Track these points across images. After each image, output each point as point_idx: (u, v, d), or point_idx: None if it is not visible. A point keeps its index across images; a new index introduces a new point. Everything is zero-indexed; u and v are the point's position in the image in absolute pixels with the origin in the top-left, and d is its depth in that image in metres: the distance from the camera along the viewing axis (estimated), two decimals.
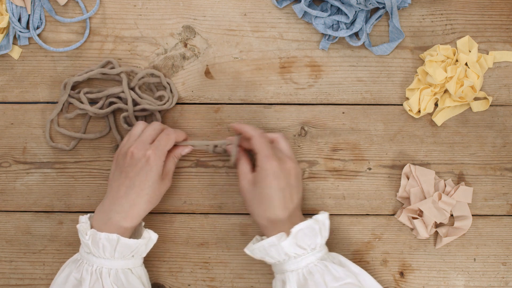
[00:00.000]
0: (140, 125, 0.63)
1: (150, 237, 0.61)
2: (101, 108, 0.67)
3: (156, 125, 0.63)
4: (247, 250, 0.61)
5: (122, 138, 0.68)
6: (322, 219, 0.59)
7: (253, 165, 0.62)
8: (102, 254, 0.58)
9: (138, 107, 0.66)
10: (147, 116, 0.68)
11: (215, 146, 0.65)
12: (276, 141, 0.63)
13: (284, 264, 0.59)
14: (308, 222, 0.58)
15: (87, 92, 0.67)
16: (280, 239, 0.58)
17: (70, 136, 0.68)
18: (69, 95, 0.67)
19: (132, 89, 0.67)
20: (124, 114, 0.66)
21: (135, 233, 0.63)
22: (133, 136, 0.62)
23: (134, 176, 0.59)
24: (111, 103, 0.67)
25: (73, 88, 0.68)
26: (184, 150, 0.65)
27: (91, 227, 0.60)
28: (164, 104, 0.67)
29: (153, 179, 0.60)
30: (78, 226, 0.59)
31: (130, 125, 0.67)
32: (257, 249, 0.59)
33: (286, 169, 0.60)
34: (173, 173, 0.67)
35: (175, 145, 0.64)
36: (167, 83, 0.68)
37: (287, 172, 0.60)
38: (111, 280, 0.58)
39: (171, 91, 0.68)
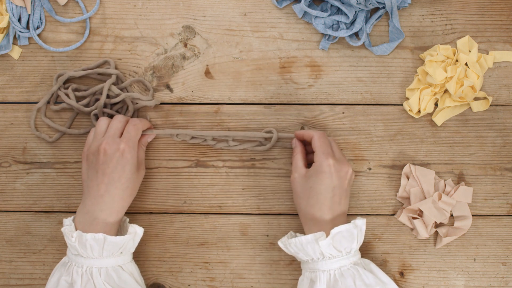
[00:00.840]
0: (103, 121, 0.63)
1: (136, 232, 0.61)
2: (87, 105, 0.67)
3: (120, 118, 0.63)
4: (281, 243, 0.61)
5: None
6: (360, 225, 0.60)
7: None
8: (91, 254, 0.58)
9: (116, 99, 0.66)
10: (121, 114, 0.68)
11: (177, 134, 0.66)
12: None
13: (317, 263, 0.59)
14: (348, 225, 0.58)
15: (75, 89, 0.67)
16: (319, 238, 0.58)
17: (55, 129, 0.68)
18: (59, 88, 0.67)
19: (122, 90, 0.67)
20: (94, 111, 0.66)
21: (120, 230, 0.64)
22: (99, 133, 0.62)
23: (112, 172, 0.59)
24: (97, 101, 0.67)
25: (66, 82, 0.68)
26: (149, 137, 0.66)
27: (76, 229, 0.60)
28: (145, 100, 0.67)
29: (131, 171, 0.60)
30: (62, 229, 0.59)
31: None
32: (293, 244, 0.60)
33: (343, 171, 0.61)
34: (179, 174, 0.67)
35: (142, 134, 0.65)
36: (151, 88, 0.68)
37: (343, 174, 0.61)
38: (102, 279, 0.58)
39: (153, 95, 0.68)
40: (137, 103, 0.67)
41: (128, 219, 0.64)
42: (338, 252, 0.58)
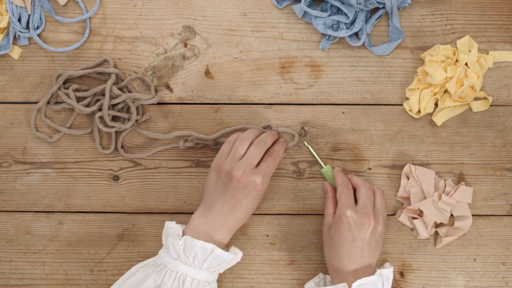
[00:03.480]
0: (244, 143, 0.62)
1: (237, 255, 0.61)
2: (87, 105, 0.67)
3: (261, 146, 0.62)
4: (307, 287, 0.63)
5: (101, 139, 0.68)
6: (386, 274, 0.59)
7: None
8: (191, 262, 0.58)
9: (116, 100, 0.66)
10: (125, 119, 0.68)
11: (185, 142, 0.66)
12: (358, 190, 0.63)
13: None
14: (373, 278, 0.58)
15: (76, 89, 0.67)
16: None
17: (55, 129, 0.68)
18: (59, 88, 0.67)
19: (122, 88, 0.67)
20: (99, 113, 0.66)
21: None
22: (237, 155, 0.61)
23: (242, 198, 0.59)
24: (98, 101, 0.67)
25: (66, 83, 0.68)
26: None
27: (183, 233, 0.59)
28: (147, 99, 0.67)
29: (258, 201, 0.61)
30: (170, 230, 0.59)
31: (106, 125, 0.67)
32: None
33: (361, 223, 0.60)
34: (179, 174, 0.67)
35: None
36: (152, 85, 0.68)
37: (361, 227, 0.60)
38: None
39: (155, 91, 0.68)
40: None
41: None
42: None
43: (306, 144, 0.62)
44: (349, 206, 0.61)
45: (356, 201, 0.63)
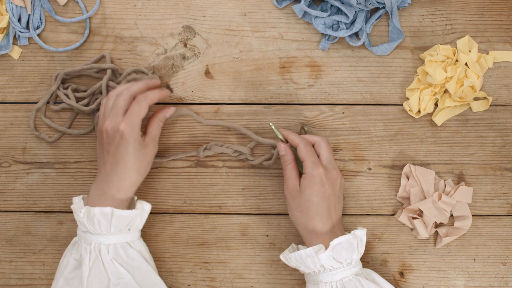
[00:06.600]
0: (111, 98, 0.60)
1: (143, 208, 0.60)
2: (87, 105, 0.67)
3: (125, 94, 0.59)
4: (283, 257, 0.61)
5: None
6: (360, 235, 0.60)
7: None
8: (99, 230, 0.58)
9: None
10: None
11: (204, 150, 0.65)
12: (319, 145, 0.62)
13: (318, 275, 0.59)
14: (348, 236, 0.58)
15: (75, 90, 0.67)
16: (318, 251, 0.58)
17: (55, 129, 0.68)
18: (58, 88, 0.67)
19: (120, 83, 0.67)
20: (99, 112, 0.66)
21: (129, 208, 0.62)
22: (107, 110, 0.60)
23: (115, 152, 0.58)
24: (97, 100, 0.67)
25: (66, 82, 0.68)
26: (168, 113, 0.63)
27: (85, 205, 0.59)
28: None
29: (133, 150, 0.58)
30: (72, 206, 0.59)
31: None
32: (294, 258, 0.60)
33: (333, 178, 0.60)
34: (179, 174, 0.67)
35: (159, 108, 0.63)
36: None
37: (334, 181, 0.61)
38: (110, 256, 0.57)
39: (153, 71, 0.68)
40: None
41: (136, 197, 0.64)
42: (338, 263, 0.58)
43: (271, 124, 0.61)
44: (317, 162, 0.60)
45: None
